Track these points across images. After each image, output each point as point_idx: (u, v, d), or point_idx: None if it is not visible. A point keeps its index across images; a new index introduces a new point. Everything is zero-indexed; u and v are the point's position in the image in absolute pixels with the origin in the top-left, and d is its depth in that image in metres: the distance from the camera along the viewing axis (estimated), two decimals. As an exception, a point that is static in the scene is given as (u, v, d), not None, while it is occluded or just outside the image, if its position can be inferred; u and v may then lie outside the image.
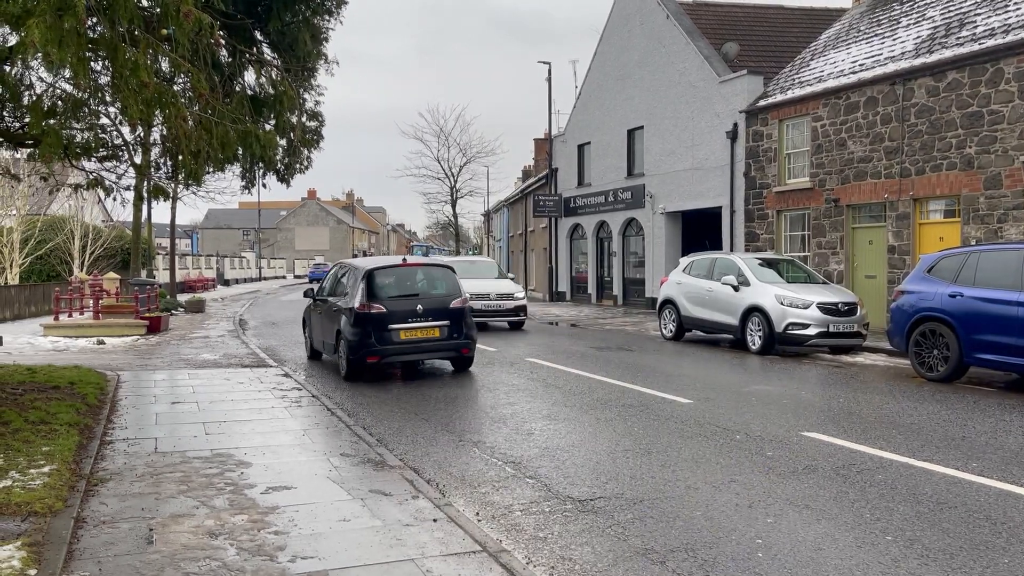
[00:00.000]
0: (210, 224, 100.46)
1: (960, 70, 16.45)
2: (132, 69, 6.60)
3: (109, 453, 7.49)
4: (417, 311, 12.42)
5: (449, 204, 45.24)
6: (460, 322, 12.73)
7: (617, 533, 5.54)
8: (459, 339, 12.70)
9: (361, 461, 7.24)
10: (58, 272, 32.68)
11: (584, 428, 8.91)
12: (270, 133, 9.15)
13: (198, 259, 56.85)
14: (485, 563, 4.83)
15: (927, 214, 17.66)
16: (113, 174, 12.19)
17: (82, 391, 10.15)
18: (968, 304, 11.16)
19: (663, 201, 26.85)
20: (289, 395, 10.73)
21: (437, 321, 12.52)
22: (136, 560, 4.85)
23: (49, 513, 5.49)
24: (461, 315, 12.77)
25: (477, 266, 22.45)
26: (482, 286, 20.03)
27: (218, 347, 17.07)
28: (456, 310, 12.74)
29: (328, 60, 10.97)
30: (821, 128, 20.04)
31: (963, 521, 5.62)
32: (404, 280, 13.10)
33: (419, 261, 14.47)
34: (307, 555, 4.94)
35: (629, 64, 28.96)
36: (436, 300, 12.77)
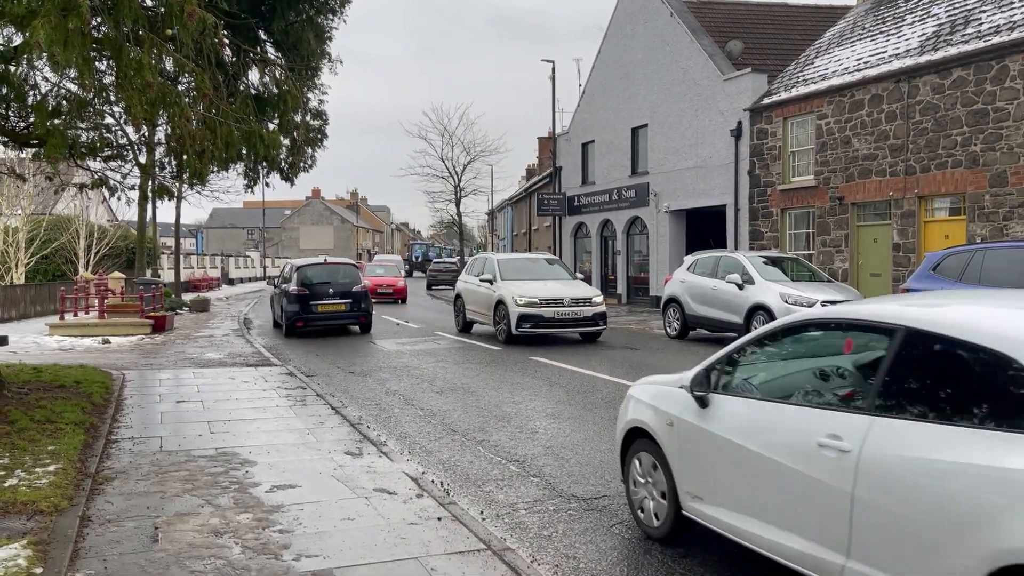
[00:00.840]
0: (215, 223, 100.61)
1: (965, 67, 16.40)
2: (136, 69, 6.62)
3: (114, 452, 7.52)
4: (330, 292, 19.14)
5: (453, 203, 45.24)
6: (359, 300, 19.36)
7: (622, 531, 5.54)
8: (358, 311, 19.37)
9: (366, 459, 7.24)
10: (63, 271, 32.75)
11: (588, 426, 8.90)
12: (274, 132, 9.17)
13: (203, 258, 56.96)
14: (489, 562, 4.83)
15: (932, 212, 17.61)
16: (118, 174, 12.22)
17: (87, 390, 10.17)
18: (973, 302, 11.13)
19: (667, 199, 26.81)
20: (294, 394, 10.75)
21: (343, 300, 19.21)
22: (141, 559, 4.86)
23: (55, 512, 5.51)
24: (360, 295, 19.41)
25: (539, 265, 18.81)
26: (551, 290, 16.71)
27: (223, 346, 17.10)
28: (357, 292, 19.41)
29: (331, 59, 10.99)
30: (826, 126, 20.00)
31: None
32: (323, 273, 19.73)
33: (335, 261, 21.41)
34: (312, 553, 4.95)
35: (633, 62, 28.92)
36: (343, 286, 19.39)
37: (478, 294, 18.24)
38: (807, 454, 3.95)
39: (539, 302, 16.19)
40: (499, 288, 17.07)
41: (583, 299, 16.69)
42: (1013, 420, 3.20)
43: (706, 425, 4.70)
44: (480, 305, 18.15)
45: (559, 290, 16.73)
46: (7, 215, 30.88)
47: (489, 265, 18.24)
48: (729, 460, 4.51)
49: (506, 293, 16.64)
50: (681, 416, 4.92)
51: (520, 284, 16.80)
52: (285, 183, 11.94)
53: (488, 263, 18.58)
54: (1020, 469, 3.05)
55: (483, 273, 18.18)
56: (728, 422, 4.56)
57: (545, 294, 16.43)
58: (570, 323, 16.61)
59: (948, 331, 3.64)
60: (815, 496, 3.90)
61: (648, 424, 5.26)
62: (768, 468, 4.20)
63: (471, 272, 19.38)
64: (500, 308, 16.84)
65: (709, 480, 4.70)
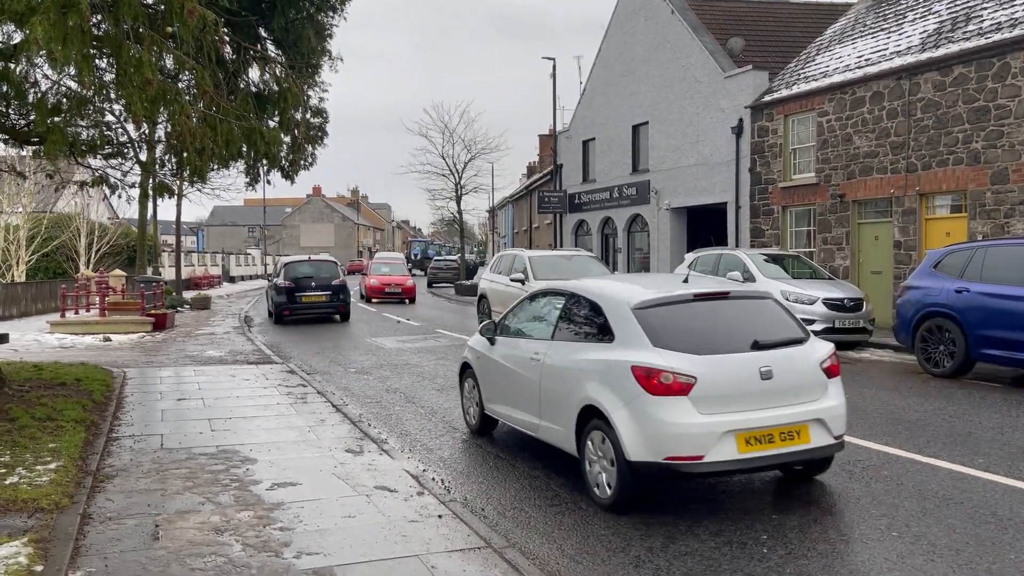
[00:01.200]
0: (215, 221, 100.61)
1: (966, 65, 16.37)
2: (136, 66, 6.61)
3: (115, 450, 7.52)
4: (312, 286, 22.27)
5: (454, 200, 45.11)
6: (338, 292, 22.47)
7: (623, 531, 5.53)
8: (337, 302, 22.49)
9: (366, 457, 7.24)
10: (64, 269, 32.75)
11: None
12: (274, 130, 9.16)
13: (204, 256, 56.94)
14: (490, 559, 4.83)
15: (933, 209, 17.58)
16: (118, 171, 12.24)
17: (88, 388, 10.18)
18: (974, 299, 11.12)
19: (668, 197, 26.79)
20: (295, 391, 10.75)
21: (324, 292, 22.33)
22: (142, 556, 4.86)
23: (55, 510, 5.51)
24: (339, 288, 22.52)
25: (575, 263, 17.33)
26: None
27: (224, 344, 17.10)
28: (336, 285, 22.58)
29: (332, 56, 10.97)
30: (827, 123, 19.97)
31: (969, 517, 5.61)
32: (307, 269, 22.94)
33: (317, 258, 24.17)
34: (312, 551, 4.95)
35: (634, 60, 28.88)
36: (324, 280, 22.66)
37: (508, 295, 16.83)
38: (526, 365, 7.13)
39: None
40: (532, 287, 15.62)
41: None
42: (599, 336, 6.34)
43: (491, 355, 7.91)
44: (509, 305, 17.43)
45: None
46: (8, 213, 30.87)
47: (519, 262, 17.15)
48: (500, 374, 7.71)
49: None
50: (482, 351, 8.13)
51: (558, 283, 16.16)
52: (286, 181, 11.98)
53: (518, 260, 17.36)
54: (594, 359, 6.16)
55: (513, 272, 17.03)
56: (500, 351, 7.75)
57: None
58: None
59: (582, 293, 6.85)
60: (529, 388, 7.06)
61: (469, 358, 8.50)
62: (513, 376, 7.40)
63: (498, 270, 18.19)
64: None
65: (494, 388, 7.89)
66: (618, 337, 6.09)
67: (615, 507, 5.82)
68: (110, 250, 34.50)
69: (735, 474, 6.14)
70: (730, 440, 5.57)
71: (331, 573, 4.63)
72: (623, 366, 5.82)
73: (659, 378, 5.60)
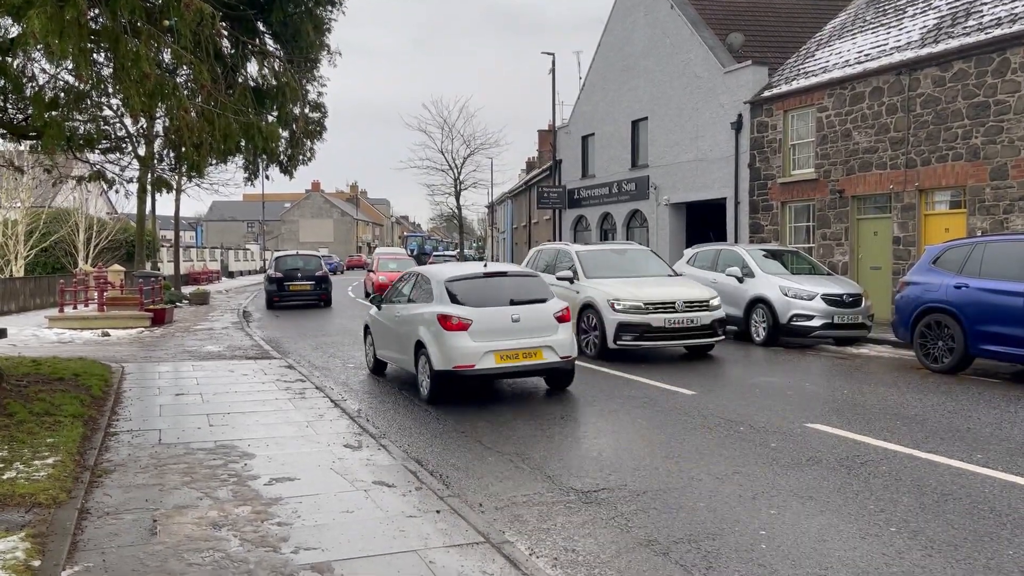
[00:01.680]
0: (214, 216, 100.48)
1: (966, 60, 16.34)
2: (134, 60, 6.59)
3: (113, 444, 7.51)
4: (298, 276, 26.30)
5: (453, 196, 45.12)
6: (320, 282, 26.38)
7: (620, 524, 5.53)
8: (320, 291, 26.43)
9: (365, 452, 7.24)
10: (63, 264, 32.72)
11: (587, 419, 8.90)
12: (272, 125, 9.13)
13: (202, 251, 56.89)
14: (488, 554, 4.83)
15: (932, 205, 17.57)
16: (116, 166, 12.22)
17: (87, 383, 10.17)
18: (973, 295, 11.12)
19: (667, 192, 26.77)
20: (293, 387, 10.74)
21: (308, 282, 26.24)
22: (140, 551, 4.86)
23: (53, 504, 5.50)
24: (321, 279, 26.49)
25: (629, 258, 15.31)
26: (659, 291, 13.29)
27: (222, 339, 17.09)
28: (319, 276, 26.53)
29: (330, 51, 10.93)
30: (826, 119, 19.95)
31: (967, 512, 5.61)
32: (295, 261, 27.27)
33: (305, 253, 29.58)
34: (310, 546, 4.94)
35: (633, 55, 28.83)
36: (309, 272, 26.59)
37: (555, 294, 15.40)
38: (393, 320, 10.98)
39: (644, 307, 12.80)
40: (584, 288, 13.77)
41: (699, 302, 13.15)
42: (427, 300, 10.11)
43: (378, 317, 11.70)
44: None
45: (667, 291, 13.30)
46: (6, 208, 30.82)
47: (565, 258, 15.05)
48: (382, 329, 11.47)
49: (597, 295, 13.27)
50: (373, 316, 12.00)
51: (613, 283, 13.50)
52: (284, 176, 11.96)
53: (563, 255, 15.26)
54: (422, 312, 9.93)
55: (557, 269, 14.92)
56: (382, 315, 11.50)
57: (651, 296, 13.00)
58: (683, 333, 13.03)
59: (424, 273, 10.72)
60: (395, 335, 10.87)
61: (368, 321, 12.37)
62: (388, 329, 11.16)
63: (536, 266, 15.89)
64: (587, 314, 13.47)
65: (380, 339, 11.71)
66: (435, 299, 9.97)
67: (430, 400, 9.74)
68: (109, 245, 34.47)
69: (494, 378, 10.18)
70: (491, 356, 9.45)
71: (329, 568, 4.62)
72: (433, 315, 9.64)
73: (450, 321, 9.43)
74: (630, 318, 12.77)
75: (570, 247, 15.40)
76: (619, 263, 14.82)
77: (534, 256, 16.80)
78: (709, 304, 13.24)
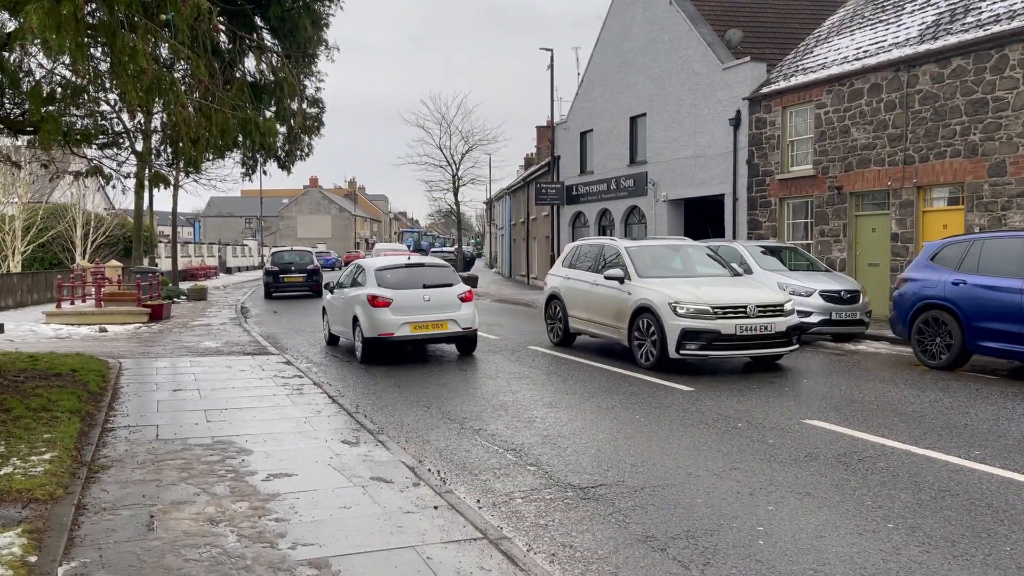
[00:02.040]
0: (212, 212, 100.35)
1: (965, 56, 16.33)
2: (131, 55, 6.55)
3: (110, 440, 7.50)
4: (292, 269, 29.97)
5: (451, 192, 44.99)
6: (312, 275, 29.92)
7: (618, 520, 5.53)
8: (311, 282, 29.85)
9: (362, 448, 7.23)
10: (60, 260, 32.67)
11: (585, 415, 8.90)
12: (270, 120, 9.10)
13: (200, 247, 56.82)
14: (486, 550, 4.83)
15: (931, 202, 17.58)
16: (114, 161, 12.17)
17: (84, 378, 10.15)
18: (971, 292, 11.12)
19: (665, 189, 26.76)
20: (291, 383, 10.73)
21: (301, 274, 30.00)
22: (137, 547, 4.85)
23: (50, 500, 5.49)
24: (313, 272, 30.07)
25: (685, 254, 13.75)
26: (727, 293, 11.84)
27: (220, 335, 17.08)
28: (310, 269, 30.19)
29: (328, 46, 10.90)
30: (824, 115, 19.94)
31: (965, 509, 5.61)
32: (290, 256, 31.41)
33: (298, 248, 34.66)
34: (308, 542, 4.94)
35: (632, 51, 28.80)
36: (302, 265, 30.36)
37: (597, 297, 13.38)
38: (341, 301, 14.26)
39: (712, 311, 11.24)
40: (637, 289, 12.27)
41: (772, 306, 11.64)
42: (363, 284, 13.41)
43: (331, 300, 14.96)
44: (600, 312, 13.30)
45: (737, 293, 11.86)
46: (3, 203, 30.77)
47: (613, 255, 13.46)
48: (334, 309, 14.76)
49: (655, 298, 11.70)
50: (328, 299, 15.18)
51: (671, 284, 12.04)
52: (282, 171, 11.99)
53: (609, 252, 13.63)
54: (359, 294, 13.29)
55: (604, 266, 13.43)
56: (335, 298, 14.67)
57: (719, 299, 11.51)
58: (756, 342, 11.44)
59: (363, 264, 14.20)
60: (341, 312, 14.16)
61: (324, 304, 15.68)
62: (336, 308, 14.53)
63: (577, 263, 14.59)
64: (642, 319, 11.92)
65: (332, 317, 14.92)
66: (367, 284, 13.19)
67: (363, 360, 12.98)
68: (106, 241, 34.44)
69: (409, 344, 13.32)
70: (407, 327, 12.63)
71: (326, 564, 4.62)
72: (365, 296, 12.90)
73: (376, 300, 12.68)
74: (696, 324, 11.19)
75: (617, 242, 13.79)
76: (674, 260, 13.46)
77: (572, 252, 15.12)
78: (783, 308, 11.71)
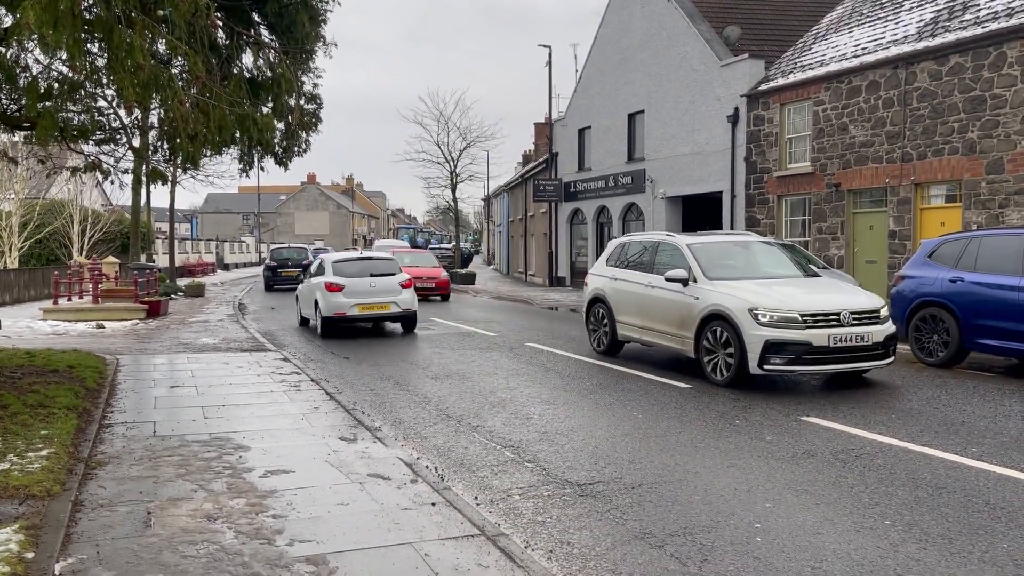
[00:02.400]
0: (210, 208, 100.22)
1: (963, 54, 16.34)
2: (128, 51, 6.53)
3: (108, 437, 7.49)
4: (289, 264, 33.11)
5: (449, 188, 44.96)
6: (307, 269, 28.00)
7: (616, 517, 5.54)
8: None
9: (360, 445, 7.23)
10: (57, 256, 32.62)
11: (583, 412, 8.90)
12: (267, 116, 9.08)
13: (198, 243, 56.78)
14: (483, 547, 4.83)
15: (928, 199, 17.59)
16: (111, 157, 12.17)
17: (81, 375, 10.14)
18: (969, 289, 11.14)
19: (663, 186, 26.75)
20: (288, 379, 10.73)
21: (297, 268, 31.44)
22: (134, 543, 4.84)
23: (47, 496, 5.49)
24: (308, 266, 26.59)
25: (755, 253, 11.93)
26: (818, 301, 10.03)
27: (217, 331, 17.06)
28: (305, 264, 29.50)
29: (326, 42, 10.89)
30: (823, 112, 19.94)
31: (962, 505, 5.62)
32: (288, 252, 35.25)
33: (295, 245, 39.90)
34: (305, 538, 4.93)
35: (630, 48, 28.78)
36: (298, 260, 33.11)
37: (654, 301, 11.59)
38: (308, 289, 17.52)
39: (800, 320, 9.63)
40: (706, 293, 10.55)
41: (868, 313, 10.00)
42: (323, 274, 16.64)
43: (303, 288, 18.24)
44: (658, 318, 11.52)
45: (827, 298, 10.21)
46: (0, 199, 30.71)
47: (672, 253, 11.62)
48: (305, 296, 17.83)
49: (731, 303, 10.07)
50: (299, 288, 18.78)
51: (746, 287, 10.35)
52: (280, 168, 12.09)
53: (667, 251, 11.79)
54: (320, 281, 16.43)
55: (660, 267, 11.69)
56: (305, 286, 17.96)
57: (808, 305, 9.85)
58: (852, 355, 9.81)
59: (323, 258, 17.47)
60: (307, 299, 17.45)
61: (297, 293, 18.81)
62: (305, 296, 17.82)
63: (624, 262, 12.78)
64: (714, 327, 10.28)
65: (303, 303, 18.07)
66: (326, 274, 16.08)
67: (322, 335, 15.82)
68: (103, 237, 34.37)
69: (359, 322, 16.25)
70: (356, 308, 15.57)
71: (324, 561, 4.62)
72: (323, 283, 15.76)
73: (331, 286, 15.55)
74: (782, 334, 9.59)
75: (677, 239, 11.91)
76: (743, 258, 11.63)
77: (617, 250, 13.21)
78: (880, 315, 10.12)
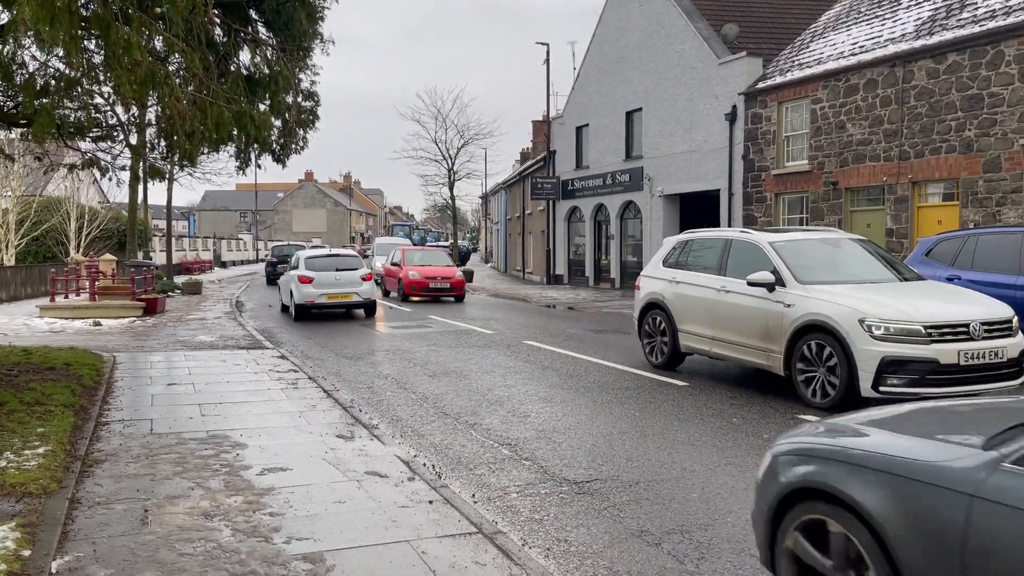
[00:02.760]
0: (207, 206, 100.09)
1: (960, 52, 16.35)
2: (125, 48, 6.53)
3: (104, 434, 7.48)
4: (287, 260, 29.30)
5: (447, 186, 45.01)
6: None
7: (613, 515, 5.54)
8: None
9: (357, 443, 7.23)
10: (54, 253, 32.59)
11: (580, 410, 8.90)
12: (265, 113, 9.08)
13: (195, 241, 56.74)
14: (481, 545, 4.83)
15: (926, 197, 17.61)
16: (108, 154, 12.17)
17: (78, 372, 10.12)
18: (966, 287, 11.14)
19: (661, 184, 26.76)
20: (285, 377, 10.72)
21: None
22: (131, 541, 4.84)
23: (44, 494, 5.48)
24: None
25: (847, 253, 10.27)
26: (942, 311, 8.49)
27: (215, 329, 17.05)
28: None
29: (324, 40, 10.88)
30: (820, 111, 19.95)
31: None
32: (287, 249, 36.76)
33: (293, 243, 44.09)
34: (302, 536, 4.93)
35: (628, 46, 28.77)
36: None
37: (728, 308, 10.04)
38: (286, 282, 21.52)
39: (923, 333, 8.18)
40: (801, 300, 9.02)
41: (999, 324, 8.52)
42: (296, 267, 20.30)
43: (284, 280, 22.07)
44: (734, 328, 9.99)
45: (953, 308, 8.64)
46: (-3, 196, 30.68)
47: (753, 254, 9.98)
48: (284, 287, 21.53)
49: (836, 313, 8.56)
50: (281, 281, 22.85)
51: (847, 292, 8.87)
52: (277, 165, 12.12)
53: (745, 250, 10.16)
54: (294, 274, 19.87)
55: (735, 268, 10.14)
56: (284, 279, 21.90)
57: (932, 315, 8.37)
58: (985, 374, 8.34)
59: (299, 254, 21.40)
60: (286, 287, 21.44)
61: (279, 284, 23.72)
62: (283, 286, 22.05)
63: (686, 263, 11.18)
64: (812, 340, 8.79)
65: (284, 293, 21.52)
66: (299, 268, 19.33)
67: (296, 319, 19.22)
68: (100, 234, 34.35)
69: (325, 309, 19.18)
70: (323, 297, 18.77)
71: (321, 558, 4.62)
72: (296, 276, 19.10)
73: (303, 278, 18.82)
74: (903, 350, 8.15)
75: (755, 235, 10.27)
76: (837, 261, 9.97)
77: (679, 248, 11.51)
78: (1012, 326, 8.62)
